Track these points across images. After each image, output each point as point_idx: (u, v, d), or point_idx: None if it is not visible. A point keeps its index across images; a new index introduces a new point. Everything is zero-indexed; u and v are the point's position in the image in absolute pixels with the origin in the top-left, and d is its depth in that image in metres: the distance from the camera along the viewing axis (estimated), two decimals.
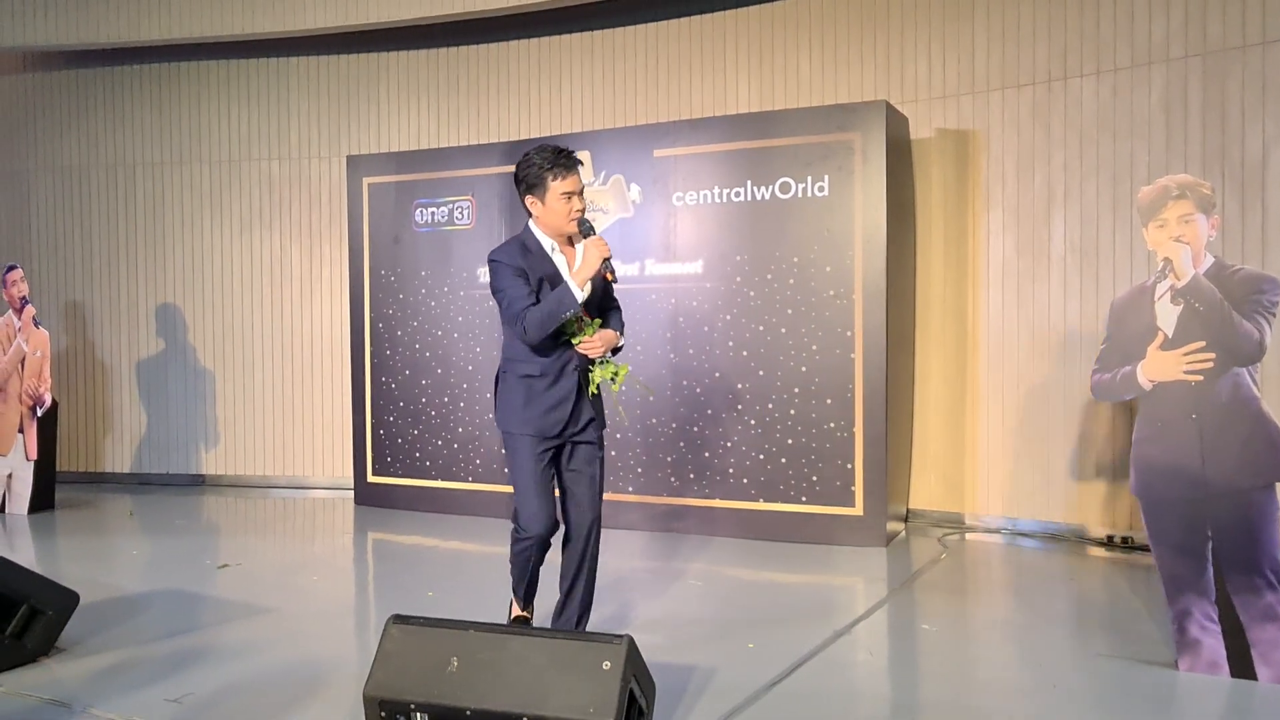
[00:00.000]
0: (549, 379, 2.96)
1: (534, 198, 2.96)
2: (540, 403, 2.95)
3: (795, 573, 4.36)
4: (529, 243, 3.00)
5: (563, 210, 2.94)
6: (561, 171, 2.91)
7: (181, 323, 6.92)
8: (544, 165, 2.92)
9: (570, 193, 2.93)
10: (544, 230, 3.00)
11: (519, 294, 2.91)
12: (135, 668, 3.13)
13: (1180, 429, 2.97)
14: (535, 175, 2.93)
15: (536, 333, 2.87)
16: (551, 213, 2.94)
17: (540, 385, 2.96)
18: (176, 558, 4.77)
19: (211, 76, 6.86)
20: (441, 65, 6.55)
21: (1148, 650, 3.19)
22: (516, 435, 2.98)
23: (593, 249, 2.91)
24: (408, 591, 4.14)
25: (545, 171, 2.91)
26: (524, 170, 2.97)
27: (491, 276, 3.01)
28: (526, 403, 2.96)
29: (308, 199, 6.77)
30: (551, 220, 2.96)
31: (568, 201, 2.93)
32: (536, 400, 2.96)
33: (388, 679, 2.33)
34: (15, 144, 7.17)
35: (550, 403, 2.95)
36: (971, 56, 5.19)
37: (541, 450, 2.97)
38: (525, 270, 2.93)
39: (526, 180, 2.97)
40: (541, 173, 2.92)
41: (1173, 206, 2.99)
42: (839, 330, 4.75)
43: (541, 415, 2.95)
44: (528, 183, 2.96)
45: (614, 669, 2.22)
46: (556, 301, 2.86)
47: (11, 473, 5.92)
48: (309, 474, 6.76)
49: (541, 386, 2.96)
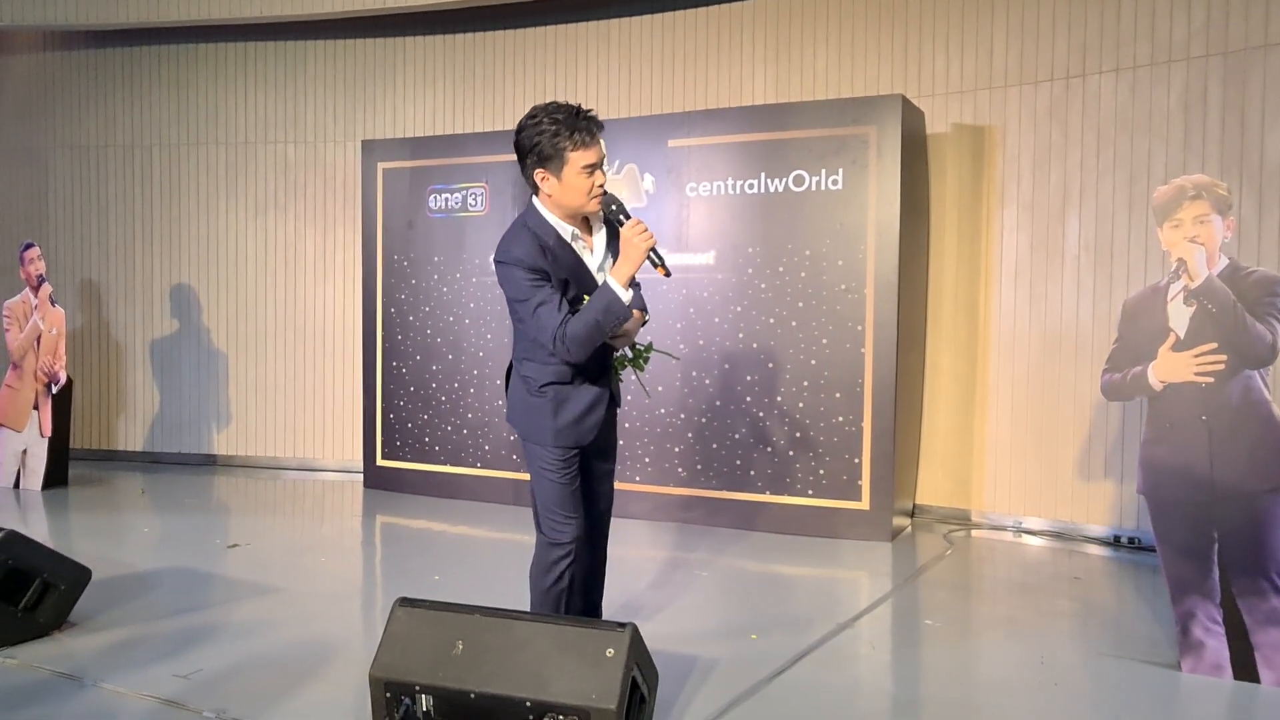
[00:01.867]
0: (576, 383, 2.53)
1: (547, 172, 2.40)
2: (571, 409, 2.53)
3: (800, 566, 4.38)
4: (541, 232, 2.44)
5: (583, 187, 2.38)
6: (584, 138, 2.35)
7: (196, 303, 6.96)
8: (561, 131, 2.35)
9: (593, 165, 2.38)
10: (556, 212, 2.46)
11: (549, 303, 2.38)
12: (145, 643, 3.17)
13: (1190, 431, 2.96)
14: (550, 145, 2.36)
15: (583, 350, 2.38)
16: (570, 190, 2.39)
17: (568, 391, 2.52)
18: (187, 536, 4.82)
19: (229, 59, 6.88)
20: (458, 51, 6.55)
21: (1151, 651, 3.20)
22: (547, 448, 2.55)
23: (634, 240, 2.36)
24: (414, 575, 4.17)
25: (563, 140, 2.35)
26: (532, 136, 2.38)
27: (505, 284, 2.46)
28: (557, 413, 2.52)
29: (323, 183, 6.79)
30: (568, 199, 2.41)
31: (589, 176, 2.38)
32: (567, 407, 2.52)
33: (393, 661, 2.35)
34: (34, 123, 7.21)
35: (582, 408, 2.54)
36: (990, 51, 5.16)
37: (572, 461, 2.59)
38: (546, 272, 2.41)
39: (537, 150, 2.38)
40: (558, 141, 2.35)
41: (1188, 207, 2.97)
42: (849, 324, 4.75)
43: (575, 424, 2.54)
44: (539, 154, 2.38)
45: (617, 656, 2.24)
46: (602, 310, 2.35)
47: (26, 449, 5.98)
48: (319, 456, 6.81)
49: (568, 392, 2.52)
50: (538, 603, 2.65)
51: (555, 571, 2.60)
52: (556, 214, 2.47)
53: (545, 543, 2.62)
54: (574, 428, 2.55)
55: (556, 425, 2.53)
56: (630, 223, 2.40)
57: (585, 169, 2.37)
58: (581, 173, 2.38)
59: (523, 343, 2.58)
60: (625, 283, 2.38)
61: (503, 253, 2.46)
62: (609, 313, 2.35)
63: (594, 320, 2.36)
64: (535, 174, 2.43)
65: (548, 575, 2.61)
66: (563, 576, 2.61)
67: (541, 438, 2.55)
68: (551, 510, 2.59)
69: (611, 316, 2.36)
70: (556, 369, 2.51)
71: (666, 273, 2.48)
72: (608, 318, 2.35)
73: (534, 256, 2.40)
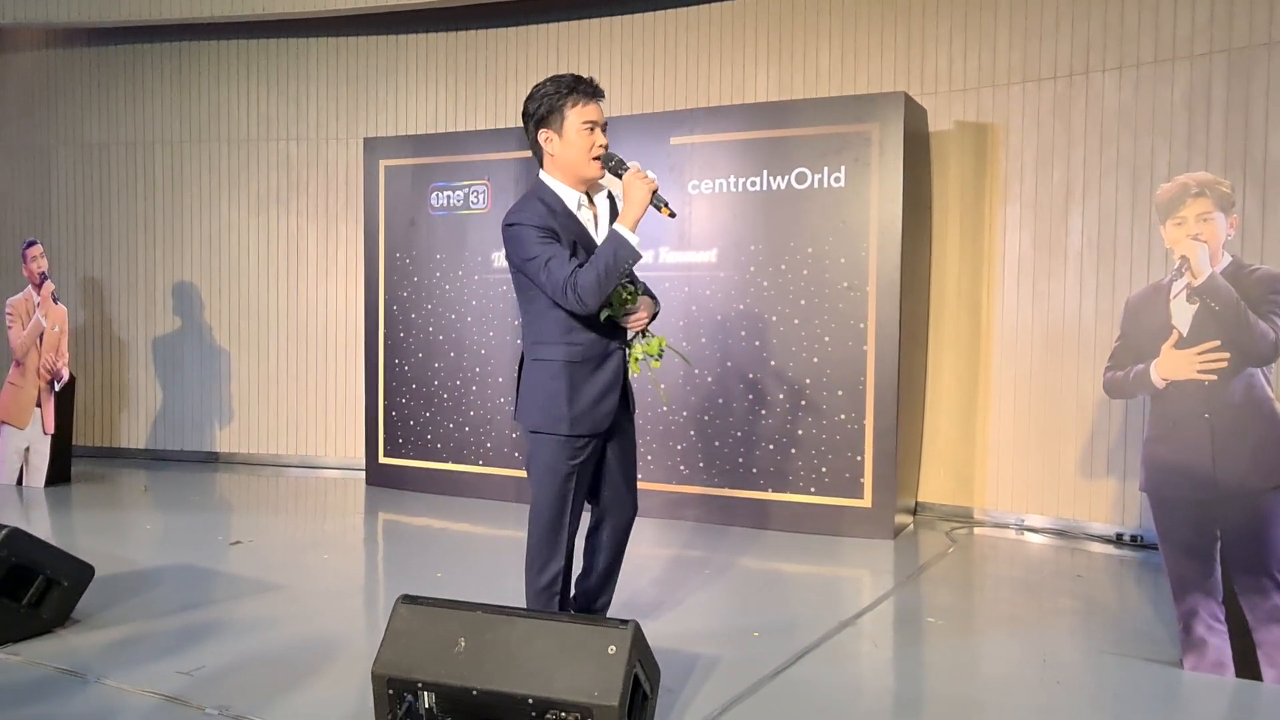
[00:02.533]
0: (592, 364, 2.53)
1: (549, 131, 2.50)
2: (586, 394, 2.52)
3: (802, 563, 4.38)
4: (546, 198, 2.52)
5: (584, 144, 2.48)
6: (582, 98, 2.47)
7: (198, 301, 6.97)
8: (561, 91, 2.48)
9: (594, 123, 2.48)
10: (562, 178, 2.54)
11: (559, 257, 2.42)
12: (148, 640, 3.18)
13: (1192, 429, 2.95)
14: (550, 103, 2.48)
15: (595, 297, 2.40)
16: (570, 147, 2.48)
17: (583, 373, 2.52)
18: (189, 533, 4.83)
19: (231, 56, 6.88)
20: (460, 48, 6.55)
21: (1153, 649, 3.19)
22: (555, 438, 2.53)
23: (636, 184, 2.44)
24: (417, 572, 4.17)
25: (563, 98, 2.47)
26: (535, 101, 2.50)
27: (515, 246, 2.49)
28: (571, 397, 2.51)
29: (325, 180, 6.79)
30: (570, 158, 2.50)
31: (590, 134, 2.48)
32: (581, 391, 2.52)
33: (396, 658, 2.35)
34: (37, 120, 7.22)
35: (597, 392, 2.54)
36: (993, 49, 5.15)
37: (586, 457, 2.57)
38: (555, 230, 2.47)
39: (538, 113, 2.50)
40: (558, 100, 2.47)
41: (1191, 204, 2.97)
42: (852, 322, 4.74)
43: (591, 408, 2.53)
44: (539, 115, 2.50)
45: (619, 653, 2.24)
46: (611, 254, 2.39)
47: (29, 446, 5.99)
48: (321, 454, 6.81)
49: (584, 374, 2.52)
50: (532, 599, 2.68)
51: (549, 574, 2.65)
52: (563, 180, 2.54)
53: (538, 544, 2.64)
54: (590, 413, 2.55)
55: (573, 413, 2.53)
56: (631, 170, 2.48)
57: (585, 125, 2.47)
58: (583, 129, 2.47)
59: (534, 327, 2.58)
60: (632, 227, 2.44)
61: (511, 217, 2.52)
62: (618, 257, 2.40)
63: (605, 265, 2.40)
64: (540, 135, 2.53)
65: (541, 576, 2.65)
66: (555, 579, 2.65)
67: (558, 426, 2.54)
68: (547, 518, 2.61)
69: (621, 260, 2.40)
70: (570, 347, 2.52)
71: (671, 214, 2.55)
72: (618, 261, 2.40)
73: (543, 217, 2.48)
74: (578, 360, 2.53)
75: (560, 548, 2.64)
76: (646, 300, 2.61)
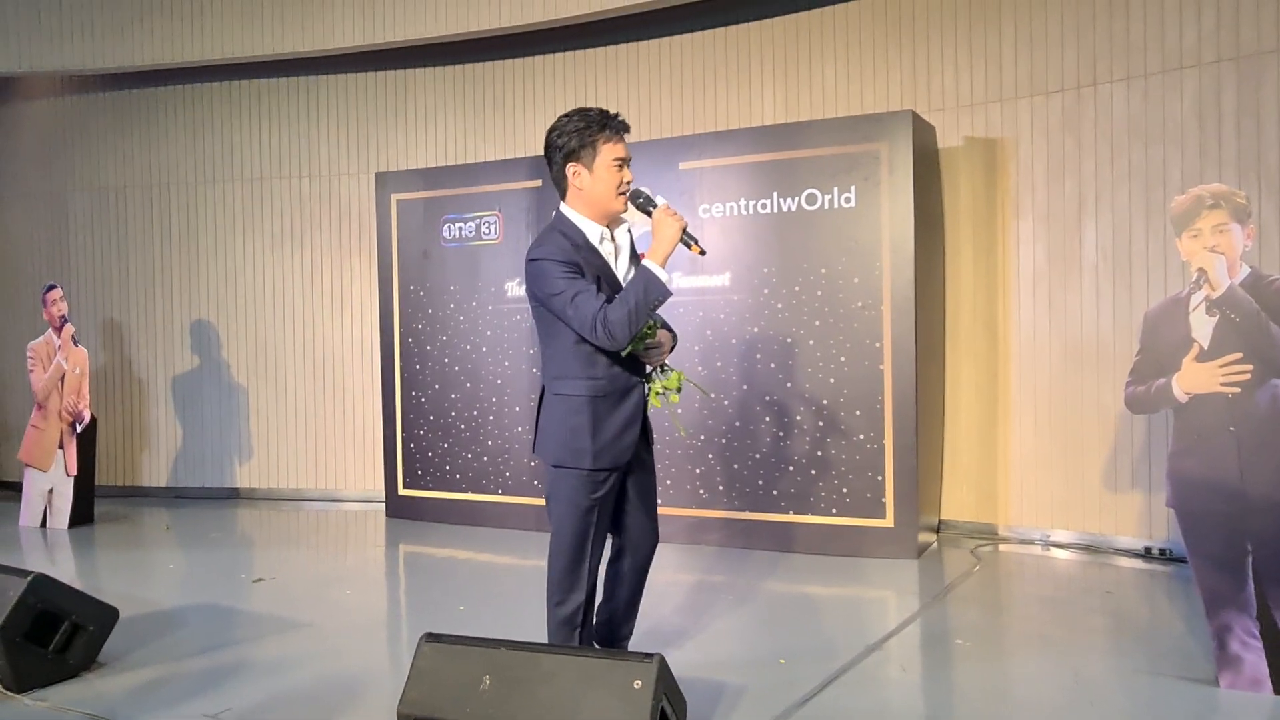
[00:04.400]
0: (614, 398, 2.53)
1: (578, 165, 2.49)
2: (609, 428, 2.52)
3: (826, 586, 4.34)
4: (568, 231, 2.51)
5: (613, 181, 2.48)
6: (613, 134, 2.47)
7: (215, 338, 7.03)
8: (591, 126, 2.47)
9: (622, 159, 2.49)
10: (586, 212, 2.53)
11: (585, 292, 2.42)
12: (174, 682, 3.18)
13: (1218, 442, 2.92)
14: (580, 137, 2.47)
15: (625, 333, 2.40)
16: (600, 183, 2.48)
17: (605, 407, 2.53)
18: (212, 572, 4.84)
19: (242, 96, 6.98)
20: (467, 81, 6.61)
21: (1187, 666, 3.14)
22: (577, 472, 2.54)
23: (666, 221, 2.44)
24: (439, 605, 4.16)
25: (594, 134, 2.47)
26: (563, 134, 2.49)
27: (538, 281, 2.49)
28: (594, 432, 2.51)
29: (337, 216, 6.86)
30: (597, 194, 2.49)
31: (619, 171, 2.49)
32: (604, 426, 2.52)
33: (420, 697, 2.34)
34: (54, 165, 7.34)
35: (619, 426, 2.54)
36: (999, 64, 5.15)
37: (606, 491, 2.57)
38: (579, 264, 2.47)
39: (566, 146, 2.49)
40: (589, 135, 2.47)
41: (1207, 216, 2.95)
42: (867, 341, 4.73)
43: (613, 442, 2.53)
44: (569, 148, 2.48)
45: (645, 688, 2.22)
46: (642, 290, 2.38)
47: (52, 488, 6.03)
48: (341, 487, 6.83)
49: (607, 408, 2.53)
50: (552, 629, 2.69)
51: (569, 607, 2.65)
52: (586, 213, 2.54)
53: (559, 578, 2.64)
54: (612, 446, 2.55)
55: (595, 446, 2.52)
56: (661, 207, 2.49)
57: (615, 161, 2.48)
58: (612, 165, 2.47)
59: (555, 361, 2.59)
60: (662, 263, 2.43)
61: (534, 252, 2.52)
62: (649, 293, 2.39)
63: (635, 301, 2.40)
64: (567, 169, 2.51)
65: (561, 609, 2.66)
66: (576, 612, 2.66)
67: (580, 460, 2.54)
68: (570, 550, 2.61)
69: (651, 297, 2.40)
70: (592, 382, 2.52)
71: (701, 251, 2.54)
72: (648, 298, 2.39)
73: (566, 252, 2.48)
74: (600, 395, 2.53)
75: (581, 581, 2.64)
76: (665, 334, 2.61)
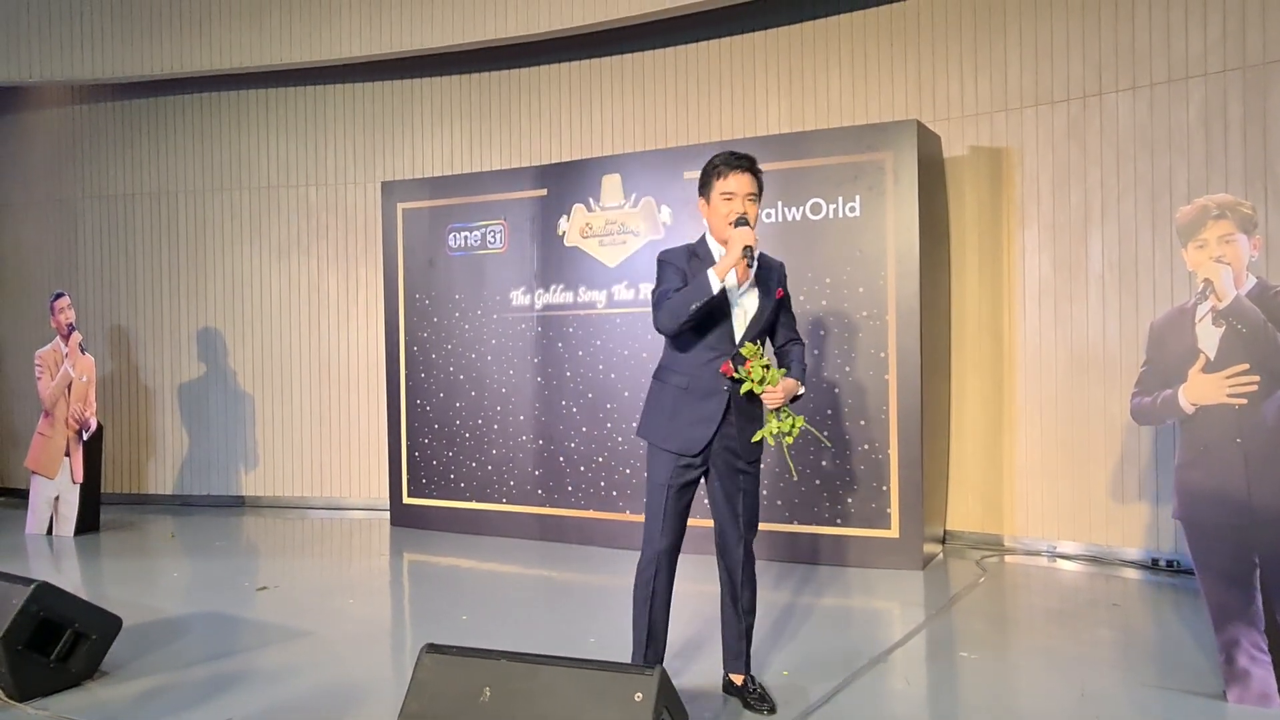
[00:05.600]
0: (697, 395, 2.86)
1: (702, 199, 2.93)
2: (685, 417, 2.86)
3: (830, 597, 4.32)
4: (699, 249, 2.93)
5: (722, 210, 2.86)
6: (724, 170, 2.86)
7: (222, 346, 7.05)
8: (713, 165, 2.89)
9: (731, 194, 2.85)
10: (714, 236, 2.92)
11: (669, 286, 2.84)
12: (177, 690, 3.18)
13: (1224, 454, 2.90)
14: (705, 176, 2.91)
15: (667, 320, 2.79)
16: (714, 214, 2.89)
17: (687, 400, 2.86)
18: (216, 580, 4.84)
19: (251, 105, 7.01)
20: (474, 91, 6.64)
21: (1195, 680, 3.11)
22: (656, 449, 2.90)
23: (735, 237, 2.75)
24: (442, 614, 4.16)
25: (712, 171, 2.88)
26: (702, 173, 2.95)
27: (657, 275, 2.94)
28: (673, 415, 2.87)
29: (344, 224, 6.88)
30: (713, 223, 2.90)
31: (727, 202, 2.85)
32: (682, 414, 2.86)
33: (421, 709, 2.33)
34: (63, 174, 7.38)
35: (693, 419, 2.85)
36: (1004, 73, 5.15)
37: (682, 466, 2.86)
38: (687, 274, 2.85)
39: (700, 183, 2.95)
40: (709, 174, 2.89)
41: (1213, 226, 2.94)
42: (872, 351, 4.72)
43: (685, 430, 2.85)
44: (700, 184, 2.94)
45: (646, 700, 2.21)
46: (692, 288, 2.77)
47: (59, 495, 6.05)
48: (346, 495, 6.83)
49: (687, 401, 2.86)
50: (635, 602, 2.91)
51: (645, 575, 2.89)
52: (715, 238, 2.93)
53: (644, 543, 2.90)
54: (682, 432, 2.86)
55: (669, 427, 2.87)
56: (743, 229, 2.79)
57: (724, 195, 2.85)
58: (721, 198, 2.86)
59: (664, 351, 3.00)
60: (721, 273, 2.75)
61: (663, 253, 2.95)
62: (694, 290, 2.75)
63: (682, 295, 2.77)
64: (699, 202, 2.97)
65: (639, 578, 2.90)
66: (650, 583, 2.88)
67: (657, 435, 2.90)
68: (648, 511, 2.90)
69: (693, 295, 2.74)
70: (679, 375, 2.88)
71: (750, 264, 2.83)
72: (691, 294, 2.75)
73: (683, 259, 2.90)
74: (683, 388, 2.88)
75: (654, 547, 2.86)
76: (789, 383, 2.88)
